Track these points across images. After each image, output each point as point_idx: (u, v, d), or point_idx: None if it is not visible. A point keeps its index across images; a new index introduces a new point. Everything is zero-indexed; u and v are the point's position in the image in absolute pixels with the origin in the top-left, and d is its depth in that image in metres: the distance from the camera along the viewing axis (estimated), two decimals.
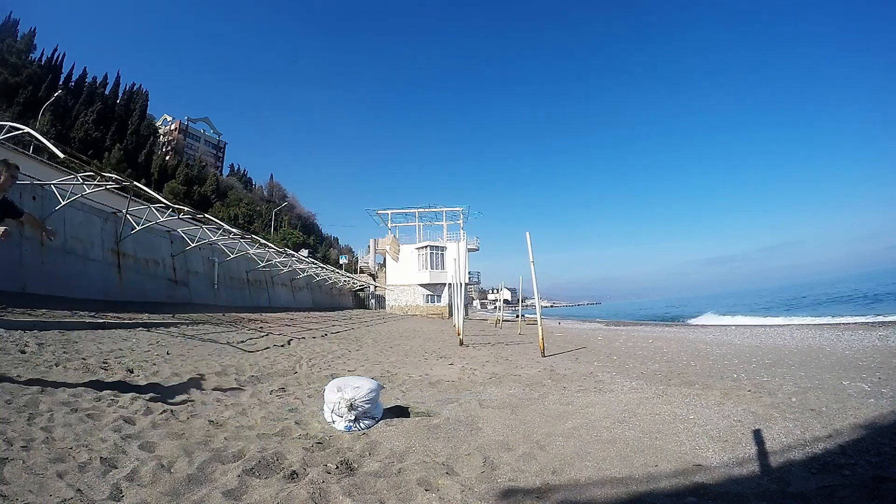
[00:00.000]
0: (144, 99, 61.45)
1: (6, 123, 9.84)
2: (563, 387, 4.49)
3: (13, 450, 2.06)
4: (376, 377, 5.21)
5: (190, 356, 5.85)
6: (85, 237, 12.31)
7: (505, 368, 6.07)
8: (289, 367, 5.63)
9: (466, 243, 36.81)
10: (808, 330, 12.86)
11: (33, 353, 4.72)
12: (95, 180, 10.91)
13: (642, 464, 2.27)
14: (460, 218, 38.98)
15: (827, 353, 6.96)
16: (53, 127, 40.63)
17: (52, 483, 1.77)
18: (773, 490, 1.92)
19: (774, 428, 2.72)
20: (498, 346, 10.12)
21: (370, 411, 2.96)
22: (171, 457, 2.13)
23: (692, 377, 4.96)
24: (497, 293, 64.67)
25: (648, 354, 7.74)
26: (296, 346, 8.21)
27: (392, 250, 37.91)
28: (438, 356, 7.79)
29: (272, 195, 78.81)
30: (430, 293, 36.73)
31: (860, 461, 2.17)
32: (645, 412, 3.25)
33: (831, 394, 3.62)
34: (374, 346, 9.47)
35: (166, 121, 75.14)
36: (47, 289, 10.44)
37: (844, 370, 5.10)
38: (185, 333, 8.18)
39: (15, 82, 43.75)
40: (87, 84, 54.85)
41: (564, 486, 2.01)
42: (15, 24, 49.49)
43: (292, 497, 1.79)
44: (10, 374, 3.61)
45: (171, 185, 52.05)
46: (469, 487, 1.97)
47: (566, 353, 8.27)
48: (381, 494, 1.89)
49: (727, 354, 7.33)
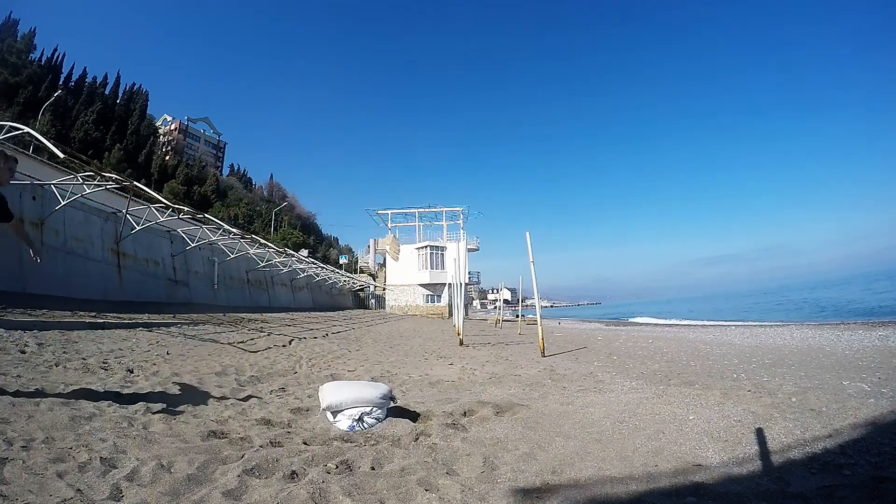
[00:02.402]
0: (144, 99, 61.46)
1: (6, 123, 9.83)
2: (563, 387, 4.49)
3: (13, 450, 2.05)
4: (376, 377, 5.21)
5: (190, 356, 5.85)
6: (85, 237, 12.31)
7: (505, 368, 6.07)
8: (289, 367, 5.64)
9: (466, 243, 36.81)
10: (808, 330, 12.87)
11: (33, 353, 4.73)
12: (95, 180, 10.91)
13: (642, 464, 2.27)
14: (460, 218, 39.00)
15: (827, 353, 6.96)
16: (53, 127, 40.64)
17: (52, 483, 1.77)
18: (773, 490, 1.92)
19: (774, 428, 2.72)
20: (498, 346, 10.13)
21: (373, 413, 2.97)
22: (171, 457, 2.13)
23: (692, 377, 4.96)
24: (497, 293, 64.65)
25: (648, 354, 7.74)
26: (296, 346, 8.22)
27: (392, 250, 37.91)
28: (438, 356, 7.79)
29: (272, 195, 78.83)
30: (430, 293, 36.73)
31: (860, 461, 2.17)
32: (645, 412, 3.25)
33: (831, 394, 3.62)
34: (374, 346, 9.47)
35: (166, 121, 75.13)
36: (47, 289, 10.44)
37: (844, 370, 5.10)
38: (185, 333, 8.18)
39: (15, 82, 43.76)
40: (87, 84, 54.86)
41: (564, 486, 2.01)
42: (15, 24, 49.49)
43: (292, 497, 1.79)
44: (10, 374, 3.61)
45: (171, 185, 52.06)
46: (469, 487, 1.97)
47: (566, 353, 8.27)
48: (381, 494, 1.89)
49: (727, 354, 7.33)
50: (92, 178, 10.93)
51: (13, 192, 10.46)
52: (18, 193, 10.64)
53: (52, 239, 11.34)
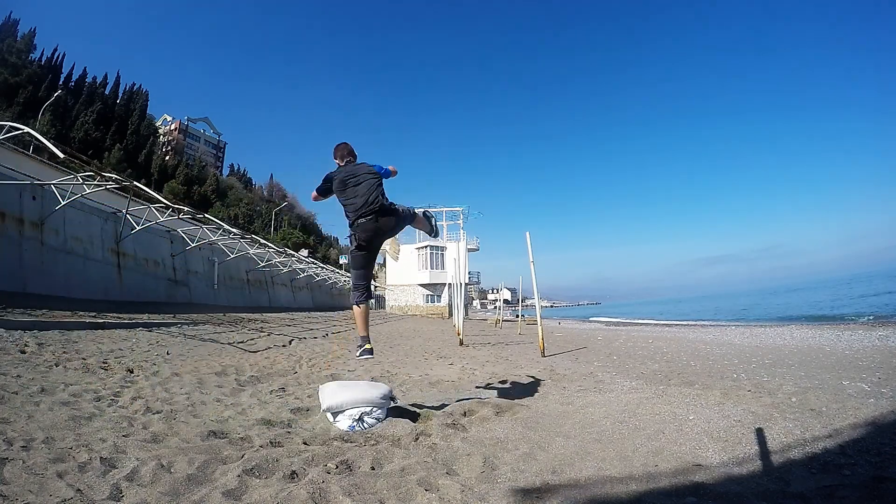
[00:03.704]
0: (144, 99, 61.49)
1: (6, 123, 9.84)
2: (563, 387, 4.49)
3: (13, 450, 2.05)
4: (376, 377, 5.21)
5: (190, 356, 5.85)
6: (85, 237, 12.32)
7: (505, 368, 6.07)
8: (289, 367, 5.64)
9: (466, 243, 36.83)
10: (808, 330, 12.86)
11: (33, 353, 4.73)
12: (95, 180, 10.92)
13: (642, 463, 2.27)
14: (460, 218, 39.01)
15: (827, 353, 6.96)
16: (53, 127, 40.65)
17: (52, 483, 1.77)
18: (773, 490, 1.92)
19: (774, 428, 2.72)
20: (498, 346, 10.13)
21: (373, 413, 2.97)
22: (171, 457, 2.13)
23: (692, 377, 4.96)
24: (497, 293, 64.64)
25: (648, 354, 7.74)
26: (296, 346, 8.22)
27: (392, 250, 37.91)
28: (438, 356, 7.80)
29: (272, 195, 78.86)
30: (430, 293, 36.74)
31: (860, 461, 2.17)
32: (645, 412, 3.25)
33: (831, 394, 3.62)
34: (374, 346, 9.46)
35: (166, 121, 75.14)
36: (47, 289, 10.45)
37: (844, 370, 5.10)
38: (185, 333, 8.18)
39: (15, 82, 43.78)
40: (87, 84, 54.88)
41: (564, 486, 2.01)
42: (15, 24, 49.50)
43: (292, 497, 1.79)
44: (10, 374, 3.61)
45: (171, 185, 52.09)
46: (469, 487, 1.97)
47: (566, 353, 8.27)
48: (381, 494, 1.89)
49: (727, 354, 7.33)
50: (92, 178, 10.93)
51: (13, 192, 10.48)
52: (18, 193, 10.65)
53: (52, 239, 11.34)
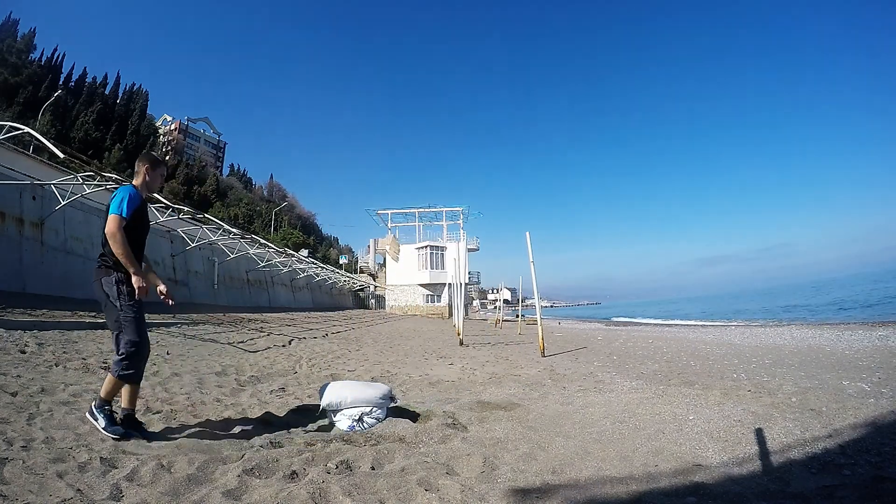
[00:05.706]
0: (144, 99, 61.40)
1: (6, 123, 9.82)
2: (563, 387, 4.49)
3: (13, 450, 2.05)
4: (376, 377, 5.21)
5: (190, 356, 5.85)
6: (85, 237, 12.31)
7: (505, 368, 6.07)
8: (289, 367, 5.64)
9: (466, 243, 36.77)
10: (808, 330, 12.87)
11: (33, 353, 4.72)
12: (95, 180, 10.90)
13: (642, 463, 2.27)
14: (460, 218, 39.01)
15: (827, 353, 6.96)
16: (53, 127, 40.57)
17: (52, 483, 1.77)
18: (773, 490, 1.92)
19: (774, 428, 2.72)
20: (498, 346, 10.13)
21: (373, 413, 2.97)
22: (171, 457, 2.13)
23: (692, 377, 4.96)
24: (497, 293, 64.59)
25: (648, 354, 7.74)
26: (296, 346, 8.22)
27: (392, 250, 37.90)
28: (438, 356, 7.80)
29: (272, 195, 78.76)
30: (430, 293, 36.72)
31: (860, 461, 2.17)
32: (645, 412, 3.25)
33: (831, 394, 3.62)
34: (374, 346, 9.47)
35: (166, 121, 75.07)
36: (47, 289, 10.45)
37: (844, 370, 5.10)
38: (185, 333, 8.17)
39: (15, 82, 43.71)
40: (87, 84, 54.79)
41: (564, 486, 2.01)
42: (15, 24, 49.42)
43: (292, 497, 1.79)
44: (10, 374, 3.61)
45: (171, 185, 52.00)
46: (469, 487, 1.97)
47: (566, 353, 8.27)
48: (381, 494, 1.89)
49: (727, 354, 7.33)
50: (92, 178, 10.92)
51: (13, 192, 10.47)
52: (18, 193, 10.65)
53: (52, 239, 11.34)
